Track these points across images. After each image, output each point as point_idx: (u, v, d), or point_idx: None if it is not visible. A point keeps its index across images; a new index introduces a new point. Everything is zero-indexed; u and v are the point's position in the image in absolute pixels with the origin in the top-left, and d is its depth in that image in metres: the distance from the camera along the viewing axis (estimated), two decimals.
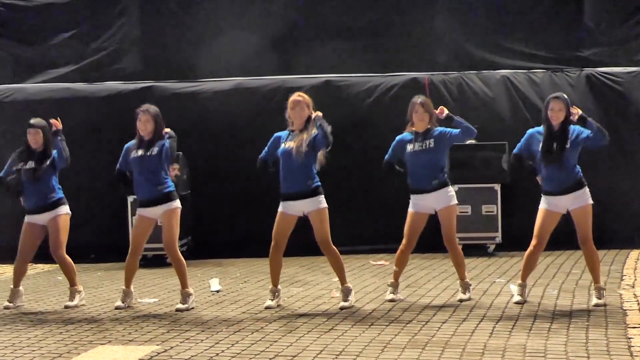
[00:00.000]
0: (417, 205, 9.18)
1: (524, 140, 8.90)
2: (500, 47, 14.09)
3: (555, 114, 8.63)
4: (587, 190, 8.74)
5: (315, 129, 8.83)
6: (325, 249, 8.99)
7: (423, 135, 9.10)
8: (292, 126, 8.95)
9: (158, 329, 8.21)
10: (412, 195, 9.22)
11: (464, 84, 13.84)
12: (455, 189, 12.86)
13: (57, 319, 8.84)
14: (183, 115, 13.50)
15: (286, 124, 9.03)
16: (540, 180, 8.84)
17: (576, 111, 8.62)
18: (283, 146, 8.91)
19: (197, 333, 7.96)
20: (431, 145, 9.06)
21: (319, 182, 8.96)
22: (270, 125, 9.23)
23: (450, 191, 9.19)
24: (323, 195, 8.96)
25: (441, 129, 9.10)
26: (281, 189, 8.99)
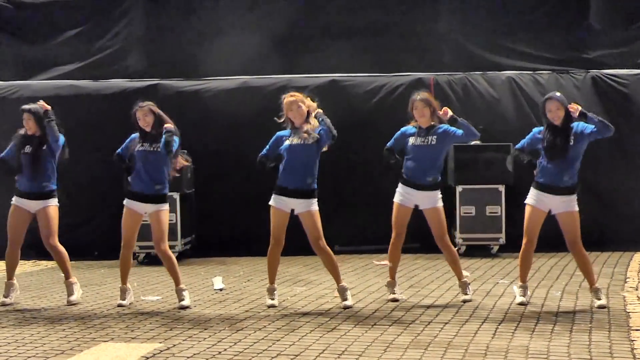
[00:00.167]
0: (403, 196, 9.16)
1: (529, 137, 8.90)
2: (505, 48, 14.07)
3: (554, 114, 8.62)
4: (576, 197, 8.74)
5: (316, 122, 8.86)
6: (318, 249, 8.99)
7: (426, 131, 9.10)
8: (292, 125, 8.96)
9: (161, 326, 8.22)
10: (402, 185, 9.19)
11: (469, 85, 13.82)
12: (459, 189, 12.99)
13: (60, 316, 8.85)
14: (187, 113, 13.51)
15: (285, 126, 9.05)
16: (536, 172, 8.81)
17: (575, 108, 8.61)
18: (288, 142, 8.92)
19: (200, 331, 7.96)
20: (433, 142, 9.06)
21: (316, 185, 8.98)
22: (275, 124, 9.21)
23: (438, 194, 9.16)
24: (316, 199, 8.99)
25: (445, 126, 9.08)
26: (279, 181, 8.97)
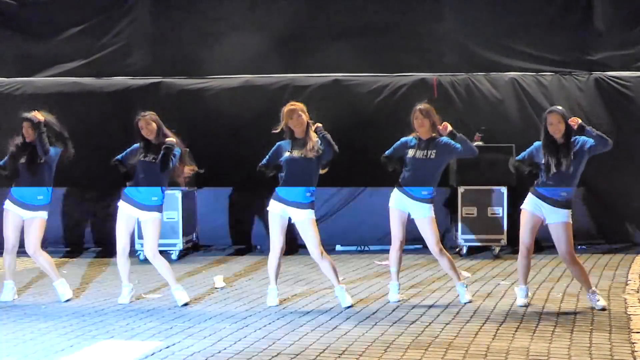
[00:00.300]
0: (398, 202, 9.16)
1: (529, 151, 8.88)
2: (509, 49, 14.05)
3: (555, 127, 8.61)
4: (570, 212, 8.73)
5: (315, 135, 8.87)
6: (317, 257, 9.01)
7: (426, 143, 9.07)
8: (291, 135, 8.95)
9: (161, 324, 8.22)
10: (397, 191, 9.19)
11: (472, 86, 13.81)
12: (461, 190, 12.98)
13: (61, 313, 8.86)
14: (190, 111, 13.53)
15: (284, 136, 9.05)
16: (537, 182, 8.81)
17: (575, 121, 8.60)
18: (288, 154, 8.92)
19: (200, 329, 7.97)
20: (432, 156, 9.02)
21: (314, 198, 9.00)
22: (276, 123, 9.21)
23: (430, 207, 9.13)
24: (314, 210, 9.01)
25: (446, 139, 9.05)
26: (278, 189, 8.99)
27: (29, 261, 12.43)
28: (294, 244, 9.37)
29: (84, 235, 13.70)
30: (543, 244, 12.03)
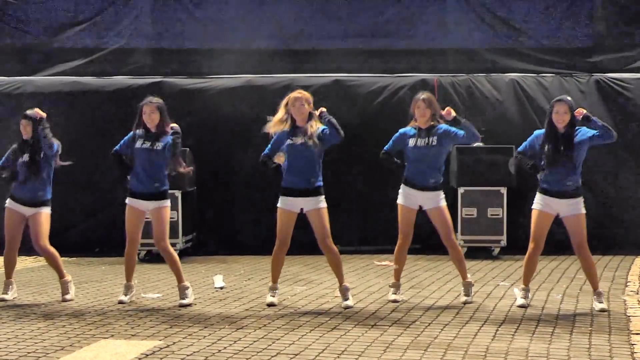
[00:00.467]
0: (407, 198, 9.15)
1: (530, 140, 8.89)
2: (509, 51, 14.06)
3: (560, 117, 8.61)
4: (582, 199, 8.74)
5: (319, 123, 8.86)
6: (325, 248, 8.99)
7: (426, 132, 9.08)
8: (293, 123, 8.93)
9: (161, 324, 8.22)
10: (404, 187, 9.18)
11: (473, 87, 13.81)
12: (461, 191, 12.98)
13: (60, 312, 8.86)
14: (191, 111, 13.53)
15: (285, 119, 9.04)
16: (540, 177, 8.81)
17: (580, 112, 8.60)
18: (290, 142, 8.91)
19: (200, 329, 7.97)
20: (434, 143, 9.04)
21: (322, 182, 8.97)
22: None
23: (441, 194, 9.16)
24: (324, 196, 8.97)
25: (445, 126, 9.06)
26: (283, 182, 8.98)
27: (28, 260, 12.46)
28: (293, 244, 9.34)
29: (83, 235, 13.68)
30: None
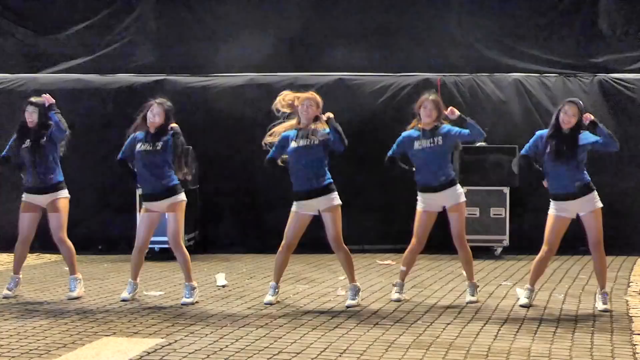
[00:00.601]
0: (426, 203, 9.14)
1: (533, 141, 8.88)
2: (513, 51, 14.06)
3: (568, 118, 8.61)
4: (596, 193, 8.73)
5: (324, 125, 8.85)
6: (336, 247, 8.99)
7: (431, 132, 9.07)
8: (298, 122, 8.94)
9: (163, 322, 8.22)
10: (421, 193, 9.18)
11: (476, 86, 13.81)
12: (464, 190, 12.96)
13: (63, 309, 8.86)
14: (194, 109, 13.53)
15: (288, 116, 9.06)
16: (546, 185, 8.83)
17: (588, 117, 8.61)
18: (293, 145, 8.90)
19: (202, 327, 7.97)
20: (440, 142, 9.03)
21: (331, 179, 8.96)
22: (281, 121, 9.20)
23: (459, 189, 9.18)
24: (336, 192, 8.96)
25: (448, 126, 9.06)
26: (293, 187, 8.99)
27: (31, 257, 12.46)
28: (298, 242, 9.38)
29: (85, 232, 13.69)
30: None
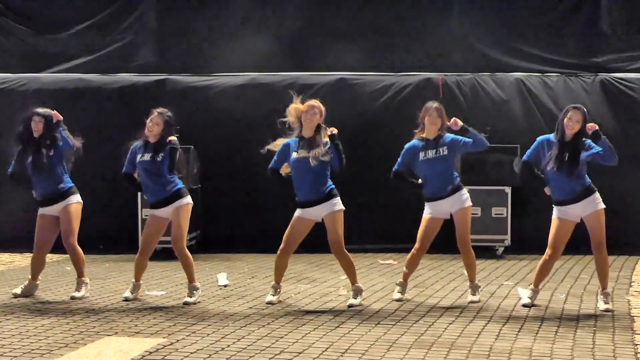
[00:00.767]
0: (434, 211, 9.16)
1: (534, 147, 8.87)
2: (515, 50, 14.05)
3: (572, 124, 8.58)
4: (598, 195, 8.72)
5: (326, 136, 8.83)
6: (337, 252, 9.00)
7: (434, 143, 9.06)
8: (300, 131, 8.93)
9: (165, 321, 8.23)
10: (428, 202, 9.20)
11: (478, 86, 13.80)
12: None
13: (65, 309, 8.87)
14: (196, 109, 13.54)
15: (291, 125, 9.03)
16: (548, 192, 8.82)
17: (592, 126, 8.58)
18: (295, 155, 8.89)
19: (204, 327, 7.97)
20: (445, 153, 9.02)
21: (332, 185, 8.96)
22: (283, 120, 9.20)
23: (464, 194, 9.19)
24: (338, 197, 8.97)
25: (452, 135, 9.06)
26: (297, 197, 8.99)
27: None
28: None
29: (87, 232, 13.68)
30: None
